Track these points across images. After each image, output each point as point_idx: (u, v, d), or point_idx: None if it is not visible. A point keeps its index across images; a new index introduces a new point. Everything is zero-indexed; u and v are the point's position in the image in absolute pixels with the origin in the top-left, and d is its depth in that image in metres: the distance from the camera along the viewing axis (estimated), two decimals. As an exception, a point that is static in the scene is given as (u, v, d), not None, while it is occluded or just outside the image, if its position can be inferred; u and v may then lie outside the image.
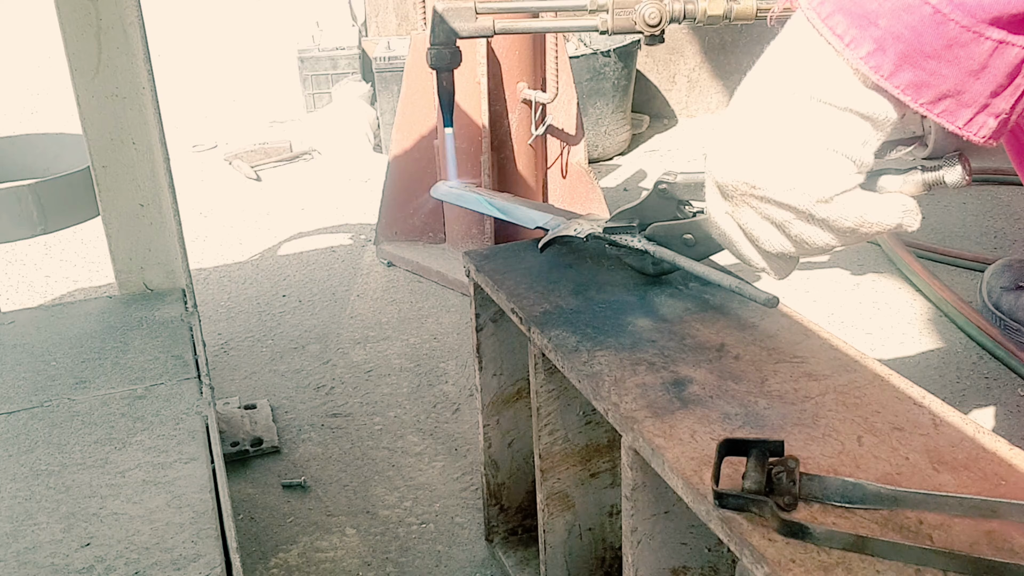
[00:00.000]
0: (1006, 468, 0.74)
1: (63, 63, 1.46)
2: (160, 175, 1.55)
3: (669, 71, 3.98)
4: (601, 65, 3.33)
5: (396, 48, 3.50)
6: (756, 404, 0.86)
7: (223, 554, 0.96)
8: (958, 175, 0.73)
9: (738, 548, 0.68)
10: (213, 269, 2.66)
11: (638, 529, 0.89)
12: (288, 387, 2.00)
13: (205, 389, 1.28)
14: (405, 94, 2.51)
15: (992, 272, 2.10)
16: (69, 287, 2.57)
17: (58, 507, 1.03)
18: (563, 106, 2.51)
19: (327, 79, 4.06)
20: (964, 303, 2.12)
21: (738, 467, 0.73)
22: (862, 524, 0.68)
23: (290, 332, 2.25)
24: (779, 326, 1.01)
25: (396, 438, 1.80)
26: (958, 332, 2.10)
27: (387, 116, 3.49)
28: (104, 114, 1.51)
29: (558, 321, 1.05)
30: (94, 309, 1.56)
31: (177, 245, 1.58)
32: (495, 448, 1.36)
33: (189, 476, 1.08)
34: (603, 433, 1.15)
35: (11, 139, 1.87)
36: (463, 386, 1.98)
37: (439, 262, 2.51)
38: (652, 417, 0.84)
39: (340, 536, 1.53)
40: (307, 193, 3.31)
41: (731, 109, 0.71)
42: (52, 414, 1.23)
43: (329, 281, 2.54)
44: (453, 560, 1.46)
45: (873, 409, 0.84)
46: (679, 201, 1.04)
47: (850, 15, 0.62)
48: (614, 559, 1.23)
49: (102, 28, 1.45)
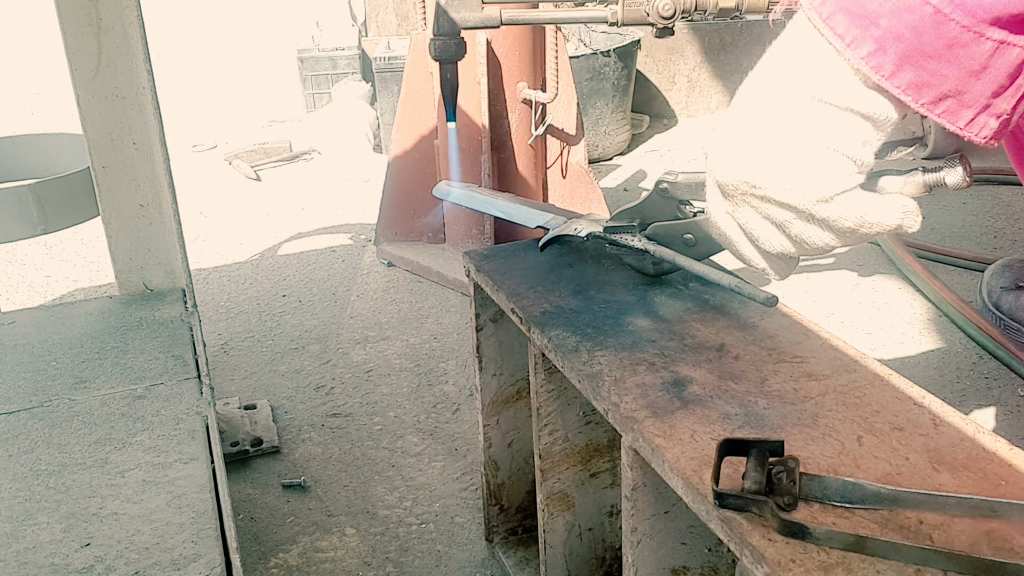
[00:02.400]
0: (1006, 468, 0.74)
1: (63, 63, 1.46)
2: (160, 175, 1.55)
3: (669, 71, 3.98)
4: (601, 65, 3.33)
5: (396, 48, 3.50)
6: (756, 404, 0.86)
7: (223, 554, 0.96)
8: (959, 176, 0.73)
9: (738, 548, 0.68)
10: (213, 269, 2.66)
11: (638, 529, 0.89)
12: (288, 387, 2.00)
13: (205, 389, 1.28)
14: (405, 94, 2.51)
15: (992, 272, 2.10)
16: (69, 287, 2.57)
17: (58, 507, 1.03)
18: (563, 106, 2.51)
19: (327, 79, 4.06)
20: (964, 303, 2.12)
21: (738, 467, 0.73)
22: (862, 524, 0.68)
23: (290, 332, 2.25)
24: (779, 326, 1.01)
25: (396, 438, 1.80)
26: (958, 332, 2.10)
27: (387, 116, 3.49)
28: (104, 114, 1.51)
29: (558, 321, 1.05)
30: (94, 309, 1.56)
31: (177, 245, 1.58)
32: (495, 448, 1.36)
33: (189, 476, 1.08)
34: (603, 433, 1.15)
35: (11, 139, 1.87)
36: (463, 386, 1.98)
37: (439, 262, 2.51)
38: (652, 417, 0.84)
39: (340, 536, 1.53)
40: (307, 193, 3.31)
41: (732, 109, 0.71)
42: (52, 414, 1.23)
43: (329, 281, 2.54)
44: (453, 560, 1.46)
45: (873, 409, 0.84)
46: (679, 201, 1.04)
47: (851, 15, 0.62)
48: (614, 559, 1.23)
49: (102, 28, 1.45)
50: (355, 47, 4.04)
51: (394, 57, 3.40)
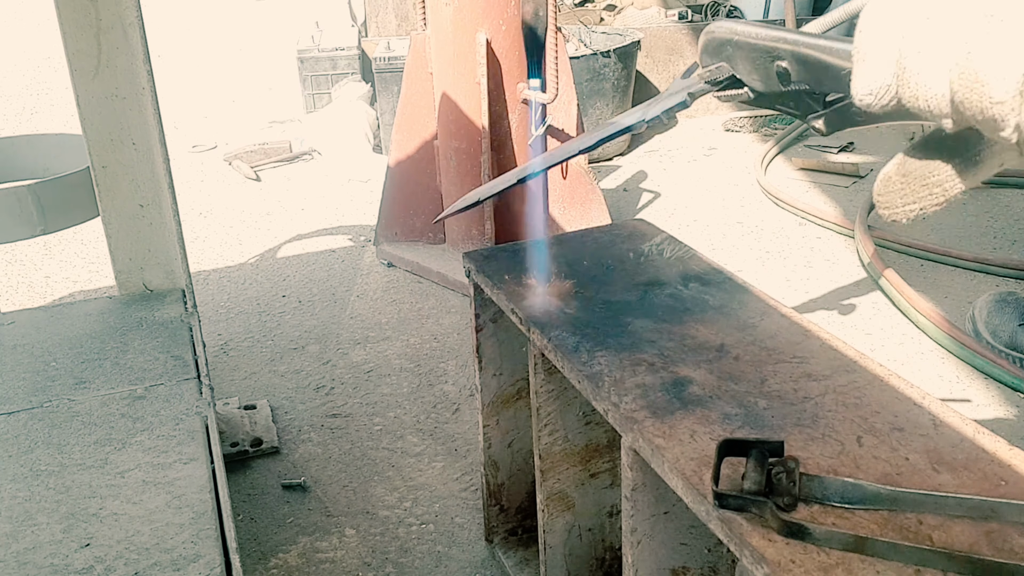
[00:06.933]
0: (1006, 468, 0.74)
1: (63, 63, 1.47)
2: (160, 175, 1.55)
3: (669, 71, 3.98)
4: (601, 66, 3.33)
5: (396, 48, 3.50)
6: (756, 404, 0.86)
7: (223, 554, 0.96)
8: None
9: (738, 548, 0.68)
10: (213, 270, 2.66)
11: (638, 529, 0.89)
12: (288, 387, 2.00)
13: (205, 390, 1.28)
14: (405, 94, 2.51)
15: (988, 310, 1.97)
16: (69, 288, 2.57)
17: (58, 507, 1.03)
18: (563, 107, 2.51)
19: (327, 79, 4.06)
20: (955, 327, 2.02)
21: (738, 467, 0.73)
22: (862, 525, 0.68)
23: (290, 333, 2.25)
24: (779, 326, 1.01)
25: (396, 438, 1.80)
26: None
27: (387, 116, 3.49)
28: (104, 114, 1.51)
29: (558, 321, 1.05)
30: (94, 310, 1.56)
31: (177, 245, 1.58)
32: (495, 448, 1.36)
33: (189, 476, 1.08)
34: (603, 433, 1.15)
35: (11, 139, 1.87)
36: (463, 386, 1.98)
37: (439, 263, 2.51)
38: (652, 417, 0.84)
39: (340, 536, 1.53)
40: (307, 193, 3.31)
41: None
42: (52, 414, 1.23)
43: (329, 281, 2.54)
44: (453, 560, 1.46)
45: (873, 409, 0.84)
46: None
47: None
48: (614, 559, 1.23)
49: (102, 28, 1.45)
50: (355, 47, 4.04)
51: (394, 57, 3.40)
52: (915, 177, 0.69)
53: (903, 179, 0.70)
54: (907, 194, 0.70)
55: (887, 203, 0.71)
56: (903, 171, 0.70)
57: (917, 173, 0.69)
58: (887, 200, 0.71)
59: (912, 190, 0.70)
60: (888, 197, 0.70)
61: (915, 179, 0.69)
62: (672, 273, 1.16)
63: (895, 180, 0.70)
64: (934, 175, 0.68)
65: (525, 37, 1.30)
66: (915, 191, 0.70)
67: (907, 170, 0.69)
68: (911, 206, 0.70)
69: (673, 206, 3.02)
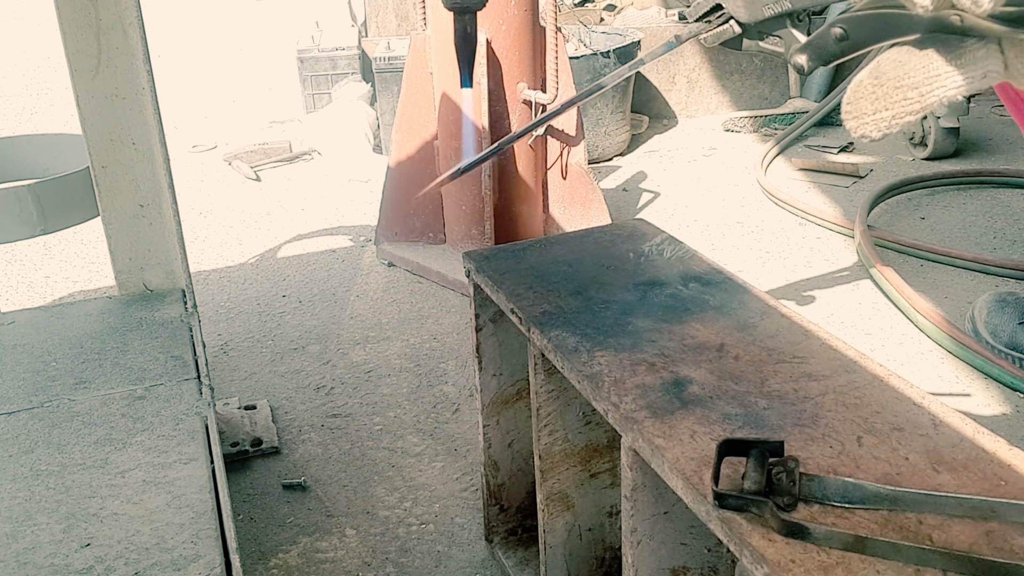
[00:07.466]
0: (1006, 468, 0.74)
1: (63, 63, 1.47)
2: (160, 175, 1.55)
3: (669, 71, 3.98)
4: (601, 66, 3.33)
5: (396, 48, 3.50)
6: (756, 404, 0.86)
7: (223, 554, 0.96)
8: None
9: (738, 548, 0.68)
10: (213, 270, 2.66)
11: (638, 529, 0.89)
12: (288, 388, 2.00)
13: (205, 390, 1.28)
14: (405, 94, 2.51)
15: (988, 310, 1.97)
16: (69, 288, 2.57)
17: (58, 507, 1.03)
18: (563, 106, 2.51)
19: (327, 79, 4.06)
20: (957, 329, 2.02)
21: (738, 467, 0.73)
22: (862, 524, 0.68)
23: (290, 333, 2.25)
24: (779, 326, 1.01)
25: (396, 438, 1.80)
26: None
27: (387, 116, 3.49)
28: (104, 114, 1.51)
29: (558, 321, 1.05)
30: (94, 310, 1.56)
31: (177, 246, 1.58)
32: (495, 448, 1.36)
33: (189, 476, 1.08)
34: (603, 433, 1.15)
35: (11, 139, 1.87)
36: (463, 386, 1.98)
37: (439, 262, 2.51)
38: (652, 417, 0.84)
39: (340, 536, 1.53)
40: (307, 193, 3.31)
41: None
42: (52, 414, 1.23)
43: (329, 282, 2.54)
44: (453, 560, 1.46)
45: (873, 409, 0.84)
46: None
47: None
48: (614, 559, 1.23)
49: (102, 28, 1.45)
50: (355, 47, 4.04)
51: (394, 57, 3.40)
52: (889, 79, 0.64)
53: (875, 81, 0.65)
54: (879, 98, 0.65)
55: (857, 111, 0.66)
56: (876, 72, 0.65)
57: (891, 74, 0.64)
58: (857, 108, 0.66)
59: (885, 93, 0.65)
60: (858, 104, 0.66)
61: (889, 81, 0.65)
62: (672, 273, 1.16)
63: (867, 83, 0.65)
64: (909, 77, 0.64)
65: (458, 49, 1.29)
66: (888, 95, 0.65)
67: (880, 71, 0.65)
68: (882, 113, 0.65)
69: (673, 206, 3.02)
